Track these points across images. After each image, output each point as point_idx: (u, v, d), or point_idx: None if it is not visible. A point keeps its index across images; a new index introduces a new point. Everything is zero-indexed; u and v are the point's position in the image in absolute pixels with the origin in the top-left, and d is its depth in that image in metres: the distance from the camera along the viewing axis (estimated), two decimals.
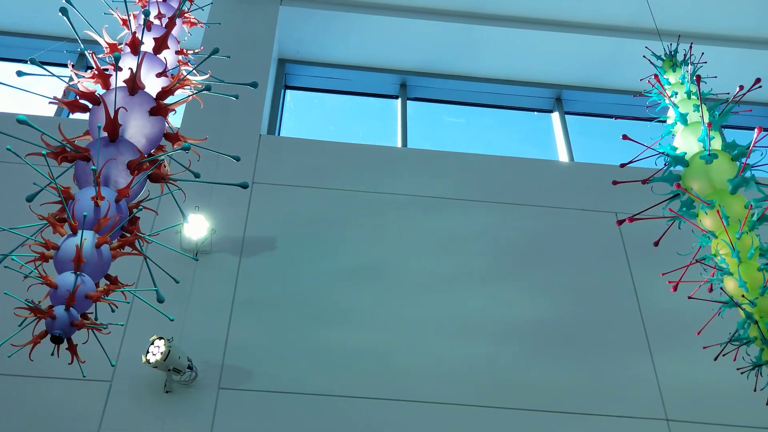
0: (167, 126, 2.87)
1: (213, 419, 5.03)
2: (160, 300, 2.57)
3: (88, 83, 2.83)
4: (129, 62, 2.87)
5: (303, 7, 8.09)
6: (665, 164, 3.61)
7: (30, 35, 8.17)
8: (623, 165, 3.71)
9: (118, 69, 2.73)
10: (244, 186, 2.82)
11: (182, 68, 3.19)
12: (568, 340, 5.77)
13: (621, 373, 5.63)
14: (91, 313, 2.43)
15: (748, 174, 3.41)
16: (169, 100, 2.87)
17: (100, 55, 3.03)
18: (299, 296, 5.78)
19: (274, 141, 7.07)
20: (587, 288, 6.13)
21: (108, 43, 3.10)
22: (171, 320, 2.62)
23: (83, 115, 2.80)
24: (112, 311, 2.56)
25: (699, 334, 3.65)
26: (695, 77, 3.74)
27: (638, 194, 3.72)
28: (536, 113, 8.63)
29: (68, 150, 2.59)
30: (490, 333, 5.73)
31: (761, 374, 3.29)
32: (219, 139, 3.17)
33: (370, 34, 8.24)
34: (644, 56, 4.42)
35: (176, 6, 3.37)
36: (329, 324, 5.64)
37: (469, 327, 5.74)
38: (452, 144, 8.11)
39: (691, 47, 4.26)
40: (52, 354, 2.37)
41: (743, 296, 3.17)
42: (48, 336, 2.26)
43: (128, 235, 2.60)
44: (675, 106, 3.83)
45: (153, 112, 2.77)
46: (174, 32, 3.22)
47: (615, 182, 3.79)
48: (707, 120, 3.56)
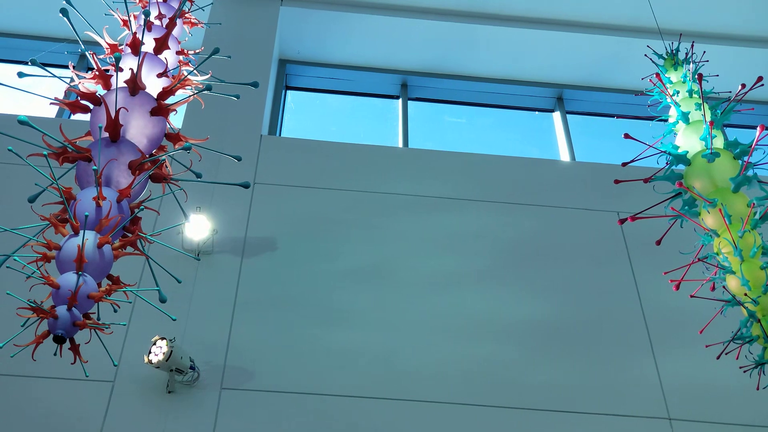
0: (168, 126, 2.87)
1: (215, 419, 5.02)
2: (163, 300, 2.56)
3: (89, 84, 2.83)
4: (130, 63, 2.87)
5: (304, 8, 8.09)
6: (667, 163, 3.61)
7: (31, 37, 8.17)
8: (625, 164, 3.71)
9: (119, 69, 2.73)
10: (246, 186, 2.82)
11: (183, 68, 3.19)
12: (570, 340, 5.76)
13: (623, 372, 5.62)
14: (94, 313, 2.43)
15: (750, 172, 3.42)
16: (170, 101, 2.87)
17: (101, 56, 3.02)
18: (301, 296, 5.78)
19: (275, 141, 7.07)
20: (589, 287, 6.13)
21: (109, 44, 3.09)
22: (173, 320, 2.62)
23: (84, 116, 2.80)
24: (115, 311, 2.56)
25: (701, 333, 3.66)
26: (697, 76, 3.73)
27: (640, 193, 3.72)
28: (537, 113, 8.63)
29: (69, 150, 2.58)
30: (492, 333, 5.73)
31: (764, 373, 3.29)
32: (220, 140, 3.16)
33: (371, 34, 8.24)
34: (646, 55, 4.43)
35: (177, 6, 3.37)
36: (331, 324, 5.64)
37: (471, 327, 5.74)
38: (453, 144, 8.11)
39: (693, 46, 4.26)
40: (55, 354, 2.37)
41: (746, 295, 3.18)
42: (50, 336, 2.26)
43: (130, 235, 2.60)
44: (677, 105, 3.83)
45: (154, 113, 2.77)
46: (175, 32, 3.22)
47: (617, 181, 3.79)
48: (709, 118, 3.56)
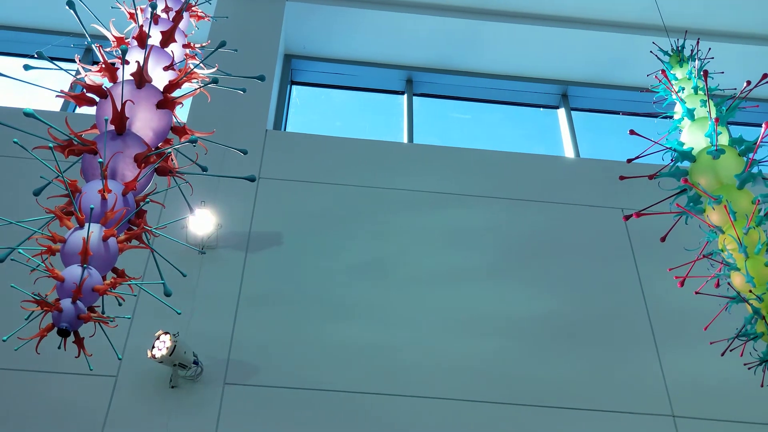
0: (174, 119, 2.87)
1: (219, 414, 5.03)
2: (168, 293, 2.55)
3: (95, 77, 2.82)
4: (136, 56, 2.87)
5: (309, 3, 8.09)
6: (672, 159, 3.60)
7: (37, 30, 8.18)
8: (630, 160, 3.71)
9: (125, 62, 2.73)
10: (252, 179, 2.82)
11: (189, 62, 3.19)
12: (574, 336, 5.76)
13: (627, 369, 5.62)
14: (98, 307, 2.43)
15: (756, 169, 3.42)
16: (176, 94, 2.86)
17: (107, 49, 3.02)
18: (305, 291, 5.78)
19: (281, 136, 7.07)
20: (593, 284, 6.12)
21: (115, 37, 3.10)
22: (179, 313, 2.61)
23: (90, 109, 2.79)
24: (120, 304, 2.56)
25: (706, 330, 3.66)
26: (702, 73, 3.72)
27: (645, 190, 3.71)
28: (542, 109, 8.61)
29: (75, 143, 2.58)
30: (497, 329, 5.73)
31: None
32: (225, 135, 3.16)
33: (377, 30, 8.24)
34: (651, 51, 4.42)
35: None
36: (335, 319, 5.65)
37: (476, 323, 5.74)
38: (458, 140, 8.09)
39: (698, 43, 4.25)
40: (59, 347, 2.37)
41: (750, 291, 3.17)
42: (54, 329, 2.25)
43: (135, 228, 2.60)
44: (682, 102, 3.82)
45: (160, 105, 2.77)
46: (181, 26, 3.22)
47: (622, 178, 3.78)
48: (714, 115, 3.55)
